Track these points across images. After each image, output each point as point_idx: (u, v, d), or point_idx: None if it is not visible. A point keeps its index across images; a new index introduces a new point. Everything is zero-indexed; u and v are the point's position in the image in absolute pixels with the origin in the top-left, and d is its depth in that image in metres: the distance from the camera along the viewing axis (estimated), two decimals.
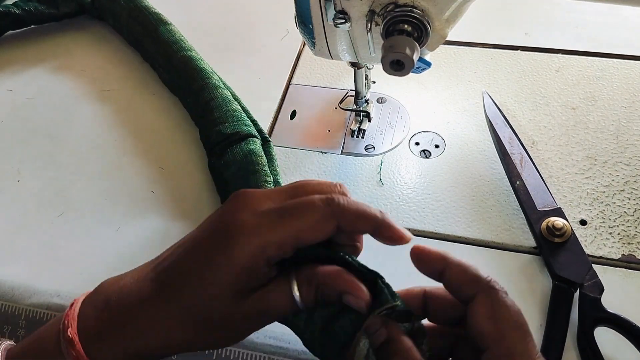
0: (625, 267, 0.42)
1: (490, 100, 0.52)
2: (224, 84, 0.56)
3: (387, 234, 0.31)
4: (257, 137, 0.51)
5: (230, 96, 0.54)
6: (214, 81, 0.55)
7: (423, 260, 0.32)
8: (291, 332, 0.40)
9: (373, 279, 0.30)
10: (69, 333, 0.32)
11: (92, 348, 0.31)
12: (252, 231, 0.30)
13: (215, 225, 0.32)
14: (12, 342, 0.35)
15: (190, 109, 0.56)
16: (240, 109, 0.53)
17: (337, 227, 0.30)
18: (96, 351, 0.31)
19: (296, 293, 0.30)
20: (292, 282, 0.31)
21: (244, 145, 0.49)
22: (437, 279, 0.32)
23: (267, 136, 0.52)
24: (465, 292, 0.31)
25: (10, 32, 0.67)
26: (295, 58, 0.61)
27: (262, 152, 0.50)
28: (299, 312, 0.31)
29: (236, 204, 0.32)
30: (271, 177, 0.48)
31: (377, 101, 0.56)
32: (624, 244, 0.43)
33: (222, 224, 0.31)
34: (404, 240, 0.31)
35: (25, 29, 0.68)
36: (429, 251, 0.32)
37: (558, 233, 0.42)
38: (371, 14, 0.39)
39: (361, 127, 0.53)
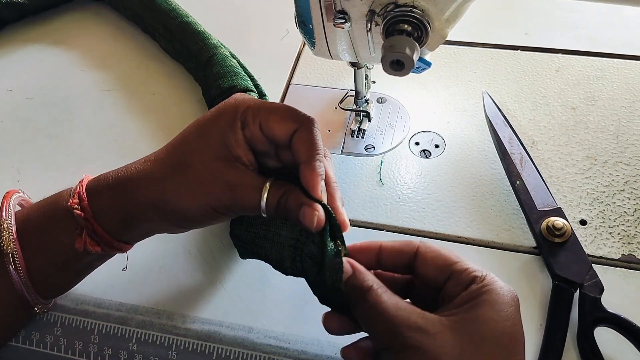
0: (625, 267, 0.42)
1: (490, 100, 0.52)
2: (222, 45, 0.59)
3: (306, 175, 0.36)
4: (254, 92, 0.54)
5: (228, 54, 0.58)
6: (212, 41, 0.59)
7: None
8: (291, 332, 0.40)
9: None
10: (82, 180, 0.38)
11: (94, 197, 0.37)
12: (238, 101, 0.37)
13: (216, 109, 0.38)
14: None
15: (192, 72, 0.60)
16: (238, 65, 0.57)
17: (293, 132, 0.36)
18: (96, 200, 0.37)
19: (265, 192, 0.35)
20: (268, 182, 0.36)
21: None
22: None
23: (264, 91, 0.55)
24: (404, 261, 0.35)
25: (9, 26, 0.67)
26: (295, 58, 0.61)
27: None
28: (258, 212, 0.36)
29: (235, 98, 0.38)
30: None
31: (377, 101, 0.56)
32: (624, 244, 0.43)
33: (224, 101, 0.38)
34: (314, 192, 0.36)
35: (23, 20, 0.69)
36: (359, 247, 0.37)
37: (558, 233, 0.42)
38: (371, 14, 0.39)
39: (361, 127, 0.53)
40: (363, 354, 0.34)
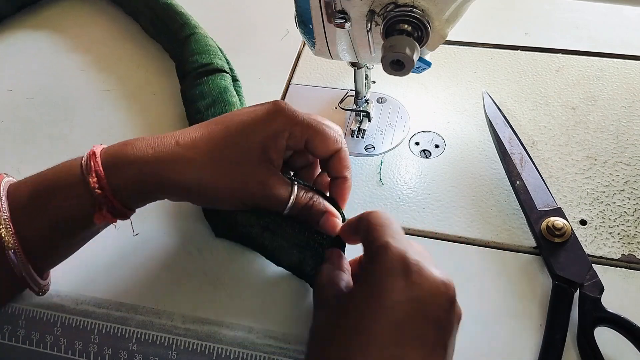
0: (625, 267, 0.42)
1: (490, 100, 0.52)
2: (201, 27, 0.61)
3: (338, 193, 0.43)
4: (228, 73, 0.56)
5: (207, 35, 0.60)
6: (193, 22, 0.60)
7: None
8: (291, 332, 0.40)
9: None
10: (94, 151, 0.38)
11: (113, 172, 0.38)
12: (291, 111, 0.39)
13: (262, 104, 0.40)
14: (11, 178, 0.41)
15: (169, 49, 0.62)
16: (216, 45, 0.59)
17: (334, 153, 0.41)
18: (116, 173, 0.38)
19: (295, 190, 0.40)
20: (295, 184, 0.40)
21: (219, 81, 0.54)
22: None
23: (237, 76, 0.57)
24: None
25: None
26: (295, 58, 0.61)
27: (235, 93, 0.54)
28: (283, 211, 0.40)
29: (281, 101, 0.40)
30: None
31: (377, 101, 0.56)
32: (624, 243, 0.43)
33: (266, 103, 0.40)
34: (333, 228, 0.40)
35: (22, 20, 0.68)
36: None
37: (558, 233, 0.42)
38: (371, 14, 0.39)
39: (361, 127, 0.53)
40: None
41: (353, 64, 0.48)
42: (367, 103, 0.53)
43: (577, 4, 0.63)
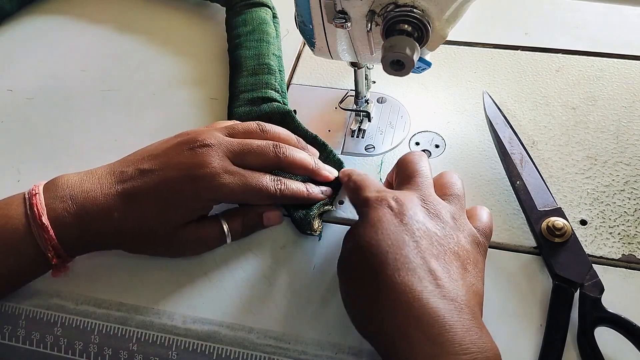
0: (626, 267, 0.42)
1: (490, 100, 0.52)
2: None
3: (319, 178, 0.46)
4: (270, 9, 0.62)
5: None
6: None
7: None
8: (291, 332, 0.40)
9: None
10: (41, 219, 0.39)
11: (63, 238, 0.40)
12: (215, 187, 0.41)
13: (189, 166, 0.41)
14: None
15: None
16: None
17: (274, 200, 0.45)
18: (66, 240, 0.40)
19: (224, 224, 0.44)
20: (220, 217, 0.44)
21: (261, 13, 0.61)
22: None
23: (277, 14, 0.62)
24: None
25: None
26: (295, 58, 0.61)
27: (273, 26, 0.61)
28: (225, 242, 0.44)
29: (209, 151, 0.42)
30: (280, 52, 0.59)
31: (377, 101, 0.56)
32: (624, 244, 0.43)
33: (196, 168, 0.41)
34: (330, 179, 0.46)
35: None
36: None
37: (558, 233, 0.42)
38: (371, 14, 0.39)
39: (361, 127, 0.53)
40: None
41: (353, 64, 0.48)
42: (367, 103, 0.53)
43: (577, 4, 0.63)
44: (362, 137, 0.53)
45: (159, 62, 0.63)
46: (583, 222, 0.45)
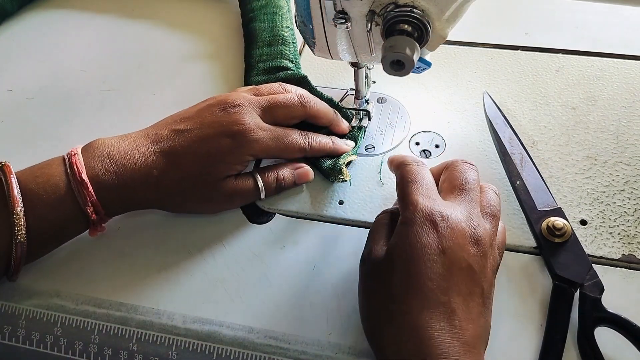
0: (626, 267, 0.42)
1: (490, 100, 0.52)
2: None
3: (338, 130, 0.50)
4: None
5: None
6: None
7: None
8: (291, 332, 0.40)
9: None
10: (81, 177, 0.40)
11: (102, 197, 0.41)
12: (255, 141, 0.43)
13: (224, 124, 0.43)
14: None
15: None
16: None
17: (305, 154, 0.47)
18: (105, 198, 0.41)
19: (259, 179, 0.46)
20: (255, 173, 0.46)
21: None
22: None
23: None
24: None
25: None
26: None
27: (285, 1, 0.63)
28: (260, 197, 0.46)
29: (241, 110, 0.44)
30: (293, 25, 0.59)
31: (377, 101, 0.56)
32: (624, 244, 0.43)
33: (230, 126, 0.43)
34: (346, 131, 0.51)
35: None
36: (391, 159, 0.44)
37: (558, 233, 0.42)
38: (371, 14, 0.39)
39: (361, 126, 0.53)
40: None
41: (353, 64, 0.48)
42: (367, 103, 0.53)
43: (577, 4, 0.63)
44: (362, 137, 0.53)
45: (159, 62, 0.63)
46: (583, 222, 0.45)
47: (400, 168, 0.40)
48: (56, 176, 0.41)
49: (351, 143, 0.50)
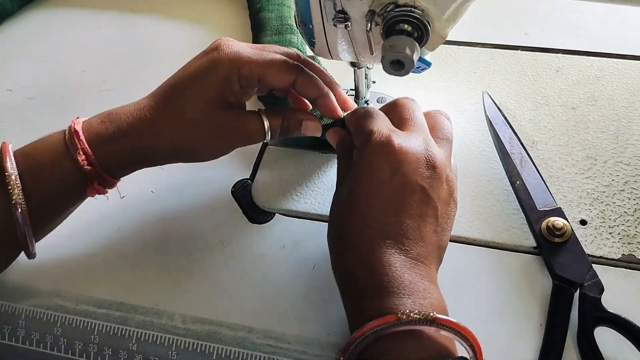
0: (626, 267, 0.42)
1: (490, 100, 0.52)
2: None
3: (325, 107, 0.43)
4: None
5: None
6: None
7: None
8: (291, 332, 0.40)
9: None
10: (75, 128, 0.40)
11: (97, 147, 0.40)
12: (233, 54, 0.40)
13: (205, 52, 0.42)
14: None
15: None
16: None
17: (293, 82, 0.42)
18: (100, 149, 0.40)
19: (265, 120, 0.42)
20: (262, 113, 0.42)
21: None
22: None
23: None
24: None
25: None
26: None
27: None
28: (264, 139, 0.43)
29: (224, 40, 0.42)
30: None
31: (377, 101, 0.56)
32: (624, 243, 0.43)
33: (209, 49, 0.41)
34: (336, 114, 0.43)
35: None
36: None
37: (558, 233, 0.42)
38: (371, 14, 0.39)
39: None
40: (339, 138, 0.44)
41: (353, 64, 0.48)
42: (367, 103, 0.53)
43: (577, 4, 0.63)
44: None
45: (159, 62, 0.63)
46: (583, 222, 0.45)
47: (354, 111, 0.43)
48: (53, 137, 0.41)
49: (353, 104, 0.46)
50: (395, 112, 0.42)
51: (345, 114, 0.44)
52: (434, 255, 0.37)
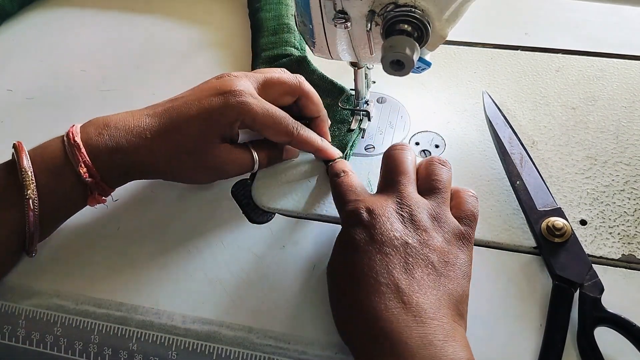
0: (625, 267, 0.42)
1: (490, 100, 0.52)
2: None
3: (321, 132, 0.50)
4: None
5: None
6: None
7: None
8: (291, 332, 0.40)
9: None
10: (75, 140, 0.41)
11: (96, 159, 0.42)
12: (243, 104, 0.43)
13: (218, 91, 0.44)
14: None
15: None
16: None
17: (288, 143, 0.47)
18: (99, 161, 0.42)
19: (254, 153, 0.47)
20: (251, 147, 0.47)
21: None
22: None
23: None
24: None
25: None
26: None
27: None
28: (254, 169, 0.47)
29: (236, 78, 0.45)
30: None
31: (377, 101, 0.56)
32: (624, 243, 0.43)
33: (223, 90, 0.43)
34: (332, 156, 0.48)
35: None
36: None
37: (558, 233, 0.42)
38: (371, 14, 0.39)
39: (361, 127, 0.53)
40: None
41: (353, 64, 0.48)
42: (367, 103, 0.53)
43: (577, 4, 0.63)
44: (362, 137, 0.53)
45: (160, 62, 0.63)
46: (583, 222, 0.45)
47: (331, 179, 0.45)
48: (53, 145, 0.42)
49: (339, 152, 0.49)
50: (383, 167, 0.43)
51: (336, 159, 0.48)
52: (443, 307, 0.35)
